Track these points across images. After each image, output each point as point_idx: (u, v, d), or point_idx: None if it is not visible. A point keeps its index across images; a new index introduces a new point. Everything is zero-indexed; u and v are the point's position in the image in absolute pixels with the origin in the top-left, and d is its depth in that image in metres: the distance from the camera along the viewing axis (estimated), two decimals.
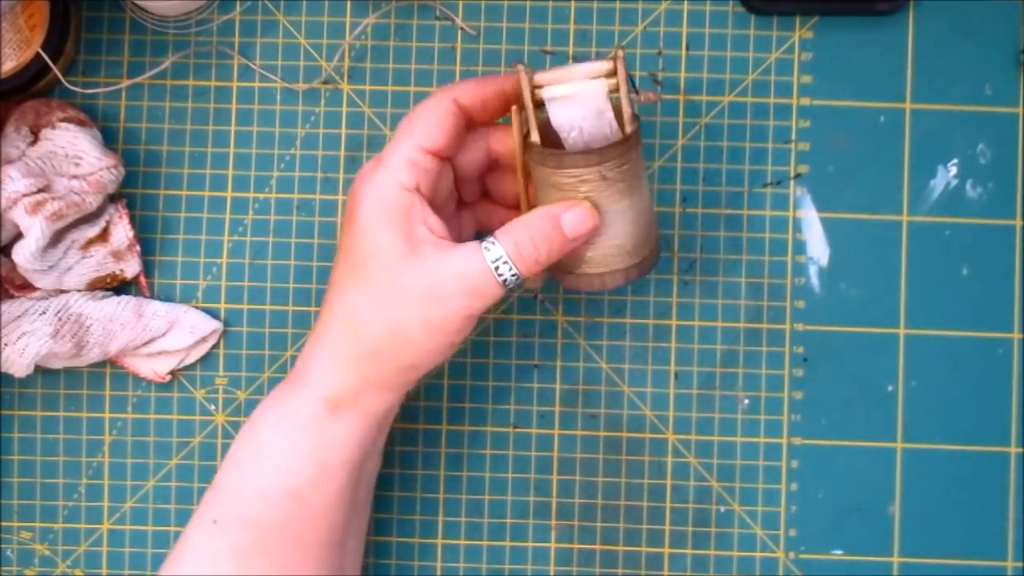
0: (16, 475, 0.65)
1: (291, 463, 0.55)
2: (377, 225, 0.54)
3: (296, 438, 0.55)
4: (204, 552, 0.56)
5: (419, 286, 0.54)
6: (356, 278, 0.55)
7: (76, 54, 0.65)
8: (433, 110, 0.56)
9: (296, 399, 0.56)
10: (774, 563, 0.64)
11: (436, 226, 0.55)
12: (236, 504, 0.56)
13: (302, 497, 0.55)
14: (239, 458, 0.56)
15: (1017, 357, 0.64)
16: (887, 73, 0.65)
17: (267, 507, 0.55)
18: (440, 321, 0.54)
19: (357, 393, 0.55)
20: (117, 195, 0.64)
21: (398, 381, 0.56)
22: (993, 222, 0.65)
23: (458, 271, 0.54)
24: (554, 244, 0.55)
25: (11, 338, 0.61)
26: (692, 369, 0.65)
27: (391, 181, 0.55)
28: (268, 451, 0.56)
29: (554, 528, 0.65)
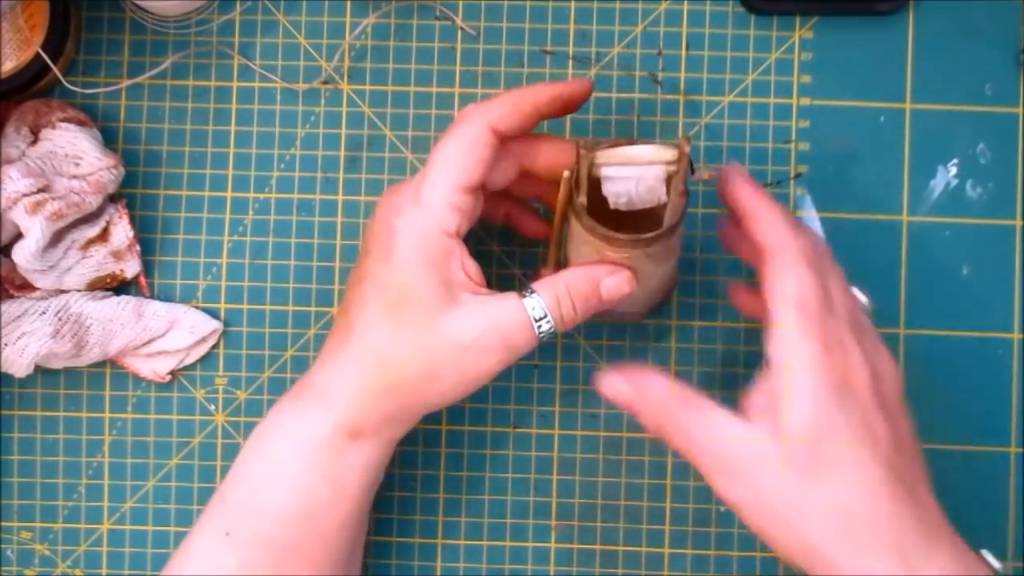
0: (16, 475, 0.65)
1: (308, 484, 0.55)
2: (416, 266, 0.54)
3: (313, 460, 0.55)
4: (212, 564, 0.55)
5: (459, 337, 0.54)
6: (391, 318, 0.54)
7: (76, 54, 0.65)
8: (471, 145, 0.54)
9: (314, 421, 0.55)
10: (774, 563, 0.64)
11: (473, 271, 0.55)
12: (248, 520, 0.55)
13: (317, 518, 0.55)
14: (251, 473, 0.56)
15: (1017, 357, 0.64)
16: (887, 73, 0.65)
17: (281, 526, 0.55)
18: (476, 372, 0.54)
19: (380, 424, 0.55)
20: (117, 195, 0.64)
21: (421, 415, 0.56)
22: (993, 222, 0.65)
23: (499, 324, 0.54)
24: (591, 304, 0.55)
25: (11, 338, 0.61)
26: (692, 369, 0.65)
27: (433, 225, 0.54)
28: (284, 470, 0.55)
29: (554, 528, 0.65)
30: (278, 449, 0.56)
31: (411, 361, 0.54)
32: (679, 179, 0.53)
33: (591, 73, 0.65)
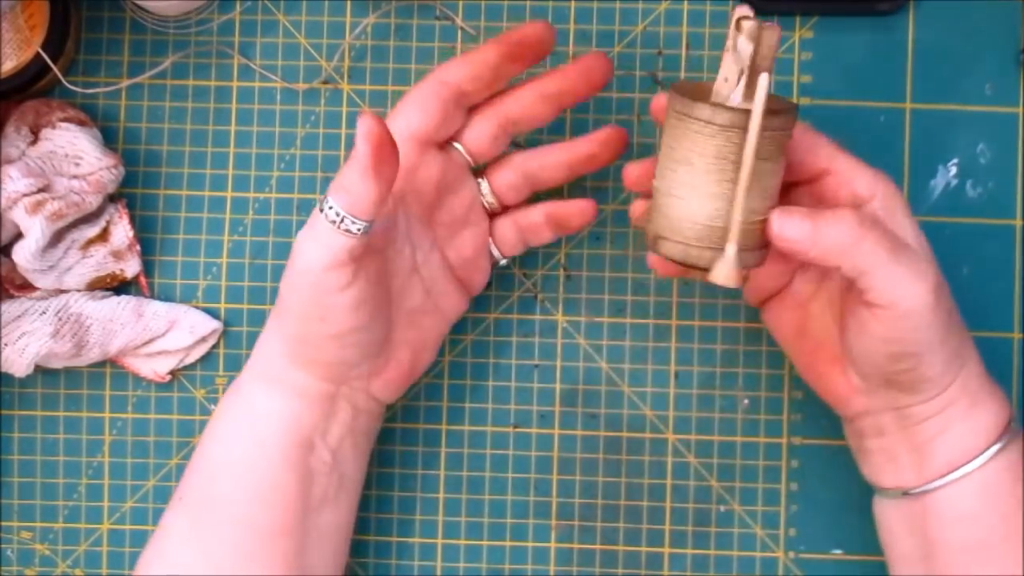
0: (16, 475, 0.65)
1: (229, 436, 0.57)
2: None
3: (234, 412, 0.58)
4: (171, 531, 0.58)
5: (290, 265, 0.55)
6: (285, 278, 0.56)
7: (76, 54, 0.65)
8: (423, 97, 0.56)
9: (241, 379, 0.58)
10: (774, 563, 0.64)
11: None
12: (191, 478, 0.58)
13: (239, 471, 0.57)
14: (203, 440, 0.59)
15: (1017, 357, 0.64)
16: (887, 73, 0.65)
17: (212, 481, 0.57)
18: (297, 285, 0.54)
19: (284, 368, 0.57)
20: (117, 195, 0.64)
21: (305, 357, 0.56)
22: (993, 222, 0.65)
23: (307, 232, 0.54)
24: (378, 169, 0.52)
25: (11, 338, 0.61)
26: (692, 369, 0.65)
27: None
28: (214, 426, 0.58)
29: (554, 528, 0.65)
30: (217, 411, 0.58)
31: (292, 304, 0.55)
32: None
33: None
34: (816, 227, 0.51)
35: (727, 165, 0.50)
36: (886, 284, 0.51)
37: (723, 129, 0.50)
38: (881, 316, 0.52)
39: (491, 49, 0.57)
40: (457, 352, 0.65)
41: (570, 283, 0.65)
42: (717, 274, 0.51)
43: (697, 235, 0.51)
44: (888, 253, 0.51)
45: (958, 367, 0.55)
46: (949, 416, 0.55)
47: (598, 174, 0.64)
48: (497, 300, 0.65)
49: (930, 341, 0.53)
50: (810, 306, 0.58)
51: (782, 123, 0.51)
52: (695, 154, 0.51)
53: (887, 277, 0.51)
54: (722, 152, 0.50)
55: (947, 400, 0.55)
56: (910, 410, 0.55)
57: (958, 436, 0.55)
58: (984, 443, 0.55)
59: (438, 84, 0.57)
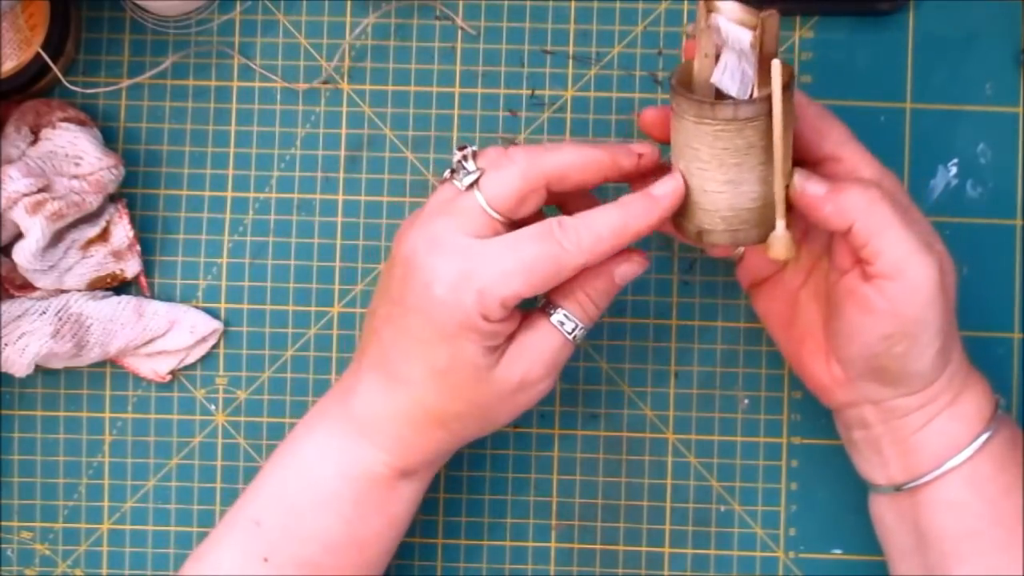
0: (16, 475, 0.65)
1: (358, 516, 0.56)
2: (464, 340, 0.53)
3: (366, 494, 0.56)
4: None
5: (510, 383, 0.54)
6: (442, 380, 0.54)
7: (76, 54, 0.65)
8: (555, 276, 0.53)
9: (365, 459, 0.55)
10: (774, 562, 0.64)
11: (514, 324, 0.55)
12: (291, 546, 0.55)
13: (367, 546, 0.56)
14: (294, 501, 0.56)
15: (1017, 357, 0.64)
16: (887, 73, 0.65)
17: (328, 554, 0.55)
18: (528, 402, 0.56)
19: (433, 462, 0.57)
20: (117, 195, 0.64)
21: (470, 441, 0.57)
22: (993, 222, 0.65)
23: (542, 355, 0.55)
24: (610, 297, 0.56)
25: (11, 338, 0.61)
26: (692, 369, 0.65)
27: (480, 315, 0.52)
28: (334, 502, 0.55)
29: (554, 528, 0.65)
30: (326, 479, 0.56)
31: (467, 414, 0.55)
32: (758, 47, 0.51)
33: (591, 73, 0.65)
34: (835, 186, 0.53)
35: (756, 151, 0.52)
36: (897, 249, 0.52)
37: (748, 122, 0.51)
38: (886, 288, 0.52)
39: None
40: None
41: None
42: (777, 250, 0.53)
43: (741, 220, 0.53)
44: (901, 219, 0.52)
45: (944, 363, 0.55)
46: (932, 411, 0.55)
47: None
48: None
49: (928, 323, 0.53)
50: (799, 295, 0.58)
51: (790, 95, 0.52)
52: (724, 151, 0.52)
53: (898, 241, 0.52)
54: (750, 142, 0.52)
55: (931, 395, 0.55)
56: (892, 403, 0.55)
57: (941, 431, 0.55)
58: (969, 435, 0.55)
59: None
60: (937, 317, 0.53)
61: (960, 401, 0.55)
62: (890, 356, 0.54)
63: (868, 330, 0.53)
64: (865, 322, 0.53)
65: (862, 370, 0.55)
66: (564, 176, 0.54)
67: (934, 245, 0.53)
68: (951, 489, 0.55)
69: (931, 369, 0.54)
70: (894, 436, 0.56)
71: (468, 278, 0.52)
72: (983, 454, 0.55)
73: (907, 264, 0.52)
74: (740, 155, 0.52)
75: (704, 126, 0.52)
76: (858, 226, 0.52)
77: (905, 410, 0.55)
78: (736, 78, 0.52)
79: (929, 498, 0.55)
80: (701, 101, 0.52)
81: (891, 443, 0.56)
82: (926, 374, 0.54)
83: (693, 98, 0.52)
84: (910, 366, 0.54)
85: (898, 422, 0.56)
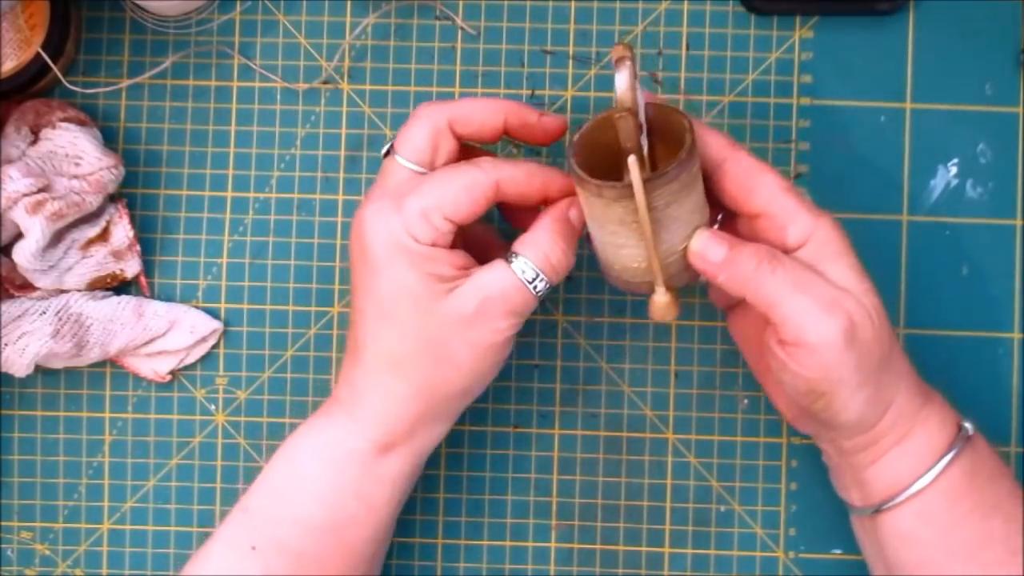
0: (16, 475, 0.65)
1: (336, 498, 0.55)
2: (400, 268, 0.54)
3: (343, 474, 0.56)
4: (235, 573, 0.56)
5: (460, 313, 0.54)
6: (389, 320, 0.54)
7: (76, 54, 0.65)
8: (472, 188, 0.54)
9: (345, 436, 0.56)
10: (774, 562, 0.64)
11: (463, 260, 0.55)
12: (274, 531, 0.56)
13: (344, 531, 0.56)
14: (278, 486, 0.56)
15: (1017, 357, 0.64)
16: (887, 73, 0.65)
17: (308, 539, 0.55)
18: (487, 342, 0.55)
19: (411, 431, 0.56)
20: (117, 195, 0.64)
21: (450, 410, 0.57)
22: (993, 222, 0.65)
23: (494, 292, 0.54)
24: (571, 240, 0.56)
25: (11, 338, 0.61)
26: (692, 369, 0.65)
27: (404, 230, 0.54)
28: (312, 484, 0.56)
29: (554, 528, 0.65)
30: (307, 462, 0.56)
31: (422, 352, 0.54)
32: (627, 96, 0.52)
33: (591, 73, 0.65)
34: (731, 254, 0.53)
35: (632, 226, 0.52)
36: (792, 318, 0.52)
37: (615, 201, 0.51)
38: (791, 352, 0.53)
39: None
40: None
41: (570, 283, 0.65)
42: (654, 313, 0.54)
43: (630, 274, 0.54)
44: (794, 287, 0.52)
45: (882, 408, 0.55)
46: (878, 449, 0.55)
47: None
48: None
49: (842, 382, 0.53)
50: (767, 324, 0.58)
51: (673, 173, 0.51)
52: (603, 219, 0.52)
53: (793, 311, 0.52)
54: (623, 219, 0.52)
55: (874, 436, 0.55)
56: (839, 443, 0.56)
57: (890, 467, 0.55)
58: (918, 471, 0.55)
59: None
60: (850, 375, 0.53)
61: (909, 438, 0.55)
62: (814, 409, 0.54)
63: (788, 384, 0.54)
64: (783, 377, 0.54)
65: (800, 414, 0.56)
66: (466, 117, 0.56)
67: (840, 302, 0.52)
68: (903, 521, 0.55)
69: (861, 418, 0.54)
70: (849, 468, 0.57)
71: (393, 206, 0.54)
72: (934, 488, 0.55)
73: (804, 332, 0.52)
74: (615, 225, 0.52)
75: (580, 191, 0.53)
76: (751, 297, 0.52)
77: (853, 449, 0.56)
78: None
79: (886, 528, 0.56)
80: (574, 173, 0.52)
81: (848, 474, 0.57)
82: (858, 423, 0.54)
83: (571, 168, 0.52)
84: (837, 418, 0.54)
85: (850, 457, 0.56)
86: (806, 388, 0.53)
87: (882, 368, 0.54)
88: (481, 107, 0.57)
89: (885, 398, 0.55)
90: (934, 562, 0.55)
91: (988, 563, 0.55)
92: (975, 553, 0.55)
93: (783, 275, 0.52)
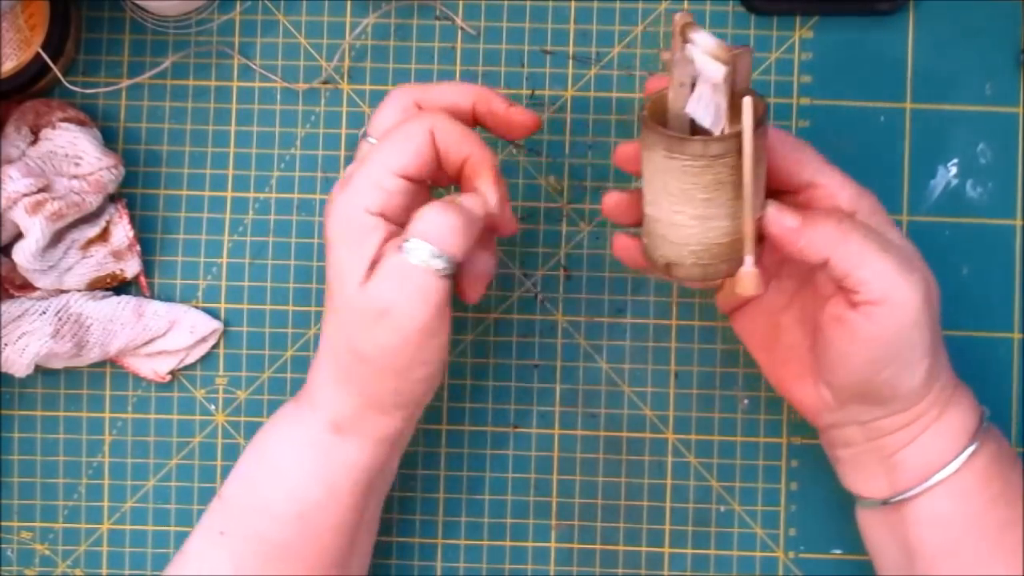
0: (16, 475, 0.65)
1: (299, 484, 0.55)
2: (342, 248, 0.53)
3: (305, 459, 0.55)
4: (207, 562, 0.56)
5: (378, 300, 0.52)
6: (330, 303, 0.54)
7: (76, 54, 0.65)
8: (408, 138, 0.54)
9: (305, 420, 0.56)
10: (774, 562, 0.64)
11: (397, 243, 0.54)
12: (243, 518, 0.56)
13: (308, 518, 0.55)
14: (248, 472, 0.57)
15: (1017, 357, 0.64)
16: (887, 73, 0.65)
17: (274, 524, 0.55)
18: (398, 341, 0.53)
19: (357, 417, 0.55)
20: (117, 195, 0.64)
21: (392, 403, 0.55)
22: (993, 222, 0.65)
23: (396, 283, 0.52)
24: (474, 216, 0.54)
25: (11, 338, 0.61)
26: (692, 369, 0.65)
27: (355, 203, 0.53)
28: (277, 470, 0.56)
29: (554, 528, 0.65)
30: (274, 449, 0.56)
31: (336, 333, 0.54)
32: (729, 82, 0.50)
33: (591, 73, 0.65)
34: (806, 220, 0.52)
35: (726, 187, 0.51)
36: (878, 276, 0.52)
37: (718, 158, 0.50)
38: (873, 314, 0.52)
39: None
40: (457, 352, 0.65)
41: (570, 283, 0.65)
42: (744, 286, 0.52)
43: (711, 255, 0.52)
44: (877, 246, 0.52)
45: (932, 381, 0.55)
46: (918, 428, 0.55)
47: (597, 174, 0.64)
48: (497, 300, 0.65)
49: (916, 345, 0.53)
50: (781, 318, 0.58)
51: (763, 131, 0.51)
52: (693, 186, 0.51)
53: (879, 269, 0.52)
54: (720, 178, 0.51)
55: (916, 413, 0.55)
56: (878, 423, 0.56)
57: (926, 446, 0.55)
58: (953, 451, 0.55)
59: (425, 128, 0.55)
60: (925, 337, 0.53)
61: (945, 416, 0.55)
62: (879, 380, 0.54)
63: (856, 356, 0.53)
64: (853, 348, 0.53)
65: (851, 394, 0.55)
66: (434, 99, 0.56)
67: (915, 264, 0.53)
68: (936, 503, 0.55)
69: (920, 388, 0.54)
70: (880, 453, 0.56)
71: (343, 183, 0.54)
72: (968, 468, 0.55)
73: (892, 289, 0.52)
74: (710, 191, 0.51)
75: (673, 161, 0.51)
76: (835, 259, 0.52)
77: (891, 428, 0.55)
78: (710, 110, 0.51)
79: (914, 512, 0.56)
80: (670, 136, 0.51)
81: (877, 460, 0.57)
82: (915, 394, 0.54)
83: (663, 132, 0.51)
84: (899, 388, 0.54)
85: (884, 440, 0.56)
86: (879, 354, 0.53)
87: (938, 337, 0.54)
88: (450, 90, 0.57)
89: (937, 371, 0.55)
90: (966, 544, 0.55)
91: (1012, 546, 0.55)
92: (1005, 535, 0.55)
93: (865, 234, 0.52)
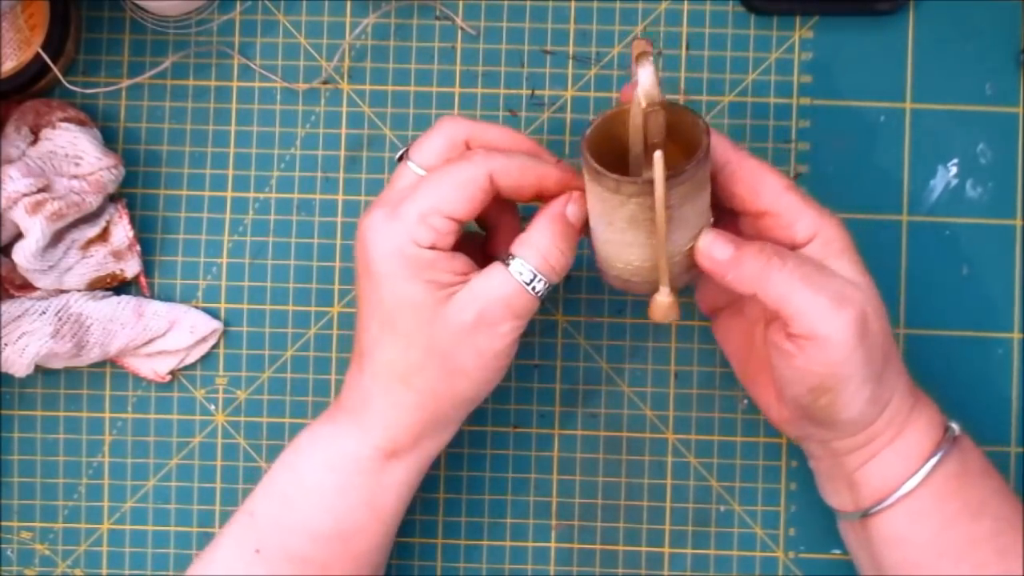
0: (16, 475, 0.65)
1: (343, 506, 0.55)
2: (401, 278, 0.54)
3: (350, 483, 0.55)
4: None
5: (463, 321, 0.53)
6: (395, 331, 0.54)
7: (76, 54, 0.65)
8: (465, 184, 0.54)
9: (351, 444, 0.56)
10: (774, 562, 0.64)
11: (463, 266, 0.55)
12: (281, 537, 0.56)
13: (351, 539, 0.56)
14: (284, 492, 0.56)
15: (1017, 357, 0.64)
16: (887, 73, 0.65)
17: (315, 545, 0.55)
18: (493, 348, 0.54)
19: (417, 439, 0.56)
20: (117, 195, 0.64)
21: (456, 417, 0.56)
22: (993, 222, 0.65)
23: (495, 296, 0.54)
24: (570, 239, 0.55)
25: (11, 338, 0.61)
26: (692, 369, 0.65)
27: (406, 237, 0.54)
28: (319, 491, 0.55)
29: (554, 528, 0.65)
30: (314, 469, 0.56)
31: (428, 362, 0.54)
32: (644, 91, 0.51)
33: (591, 73, 0.65)
34: (738, 251, 0.53)
35: (642, 223, 0.52)
36: (802, 313, 0.52)
37: (631, 197, 0.51)
38: (804, 347, 0.52)
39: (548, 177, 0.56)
40: None
41: (570, 283, 0.65)
42: (654, 313, 0.54)
43: (631, 273, 0.54)
44: (807, 283, 0.52)
45: (880, 406, 0.55)
46: (872, 449, 0.55)
47: None
48: None
49: (849, 377, 0.53)
50: (755, 329, 0.59)
51: (691, 172, 0.51)
52: (613, 216, 0.52)
53: (804, 306, 0.52)
54: (635, 215, 0.51)
55: (870, 435, 0.55)
56: (832, 443, 0.56)
57: (884, 465, 0.55)
58: (908, 471, 0.55)
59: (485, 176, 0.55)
60: (858, 370, 0.53)
61: (901, 437, 0.55)
62: (817, 407, 0.54)
63: (793, 383, 0.54)
64: (789, 374, 0.54)
65: (799, 415, 0.56)
66: (488, 139, 0.56)
67: (850, 296, 0.53)
68: (893, 523, 0.56)
69: (862, 416, 0.54)
70: (840, 470, 0.57)
71: (392, 214, 0.54)
72: (924, 488, 0.55)
73: (819, 325, 0.52)
74: (626, 222, 0.52)
75: (595, 187, 0.52)
76: (761, 293, 0.52)
77: (846, 449, 0.56)
78: None
79: (877, 530, 0.56)
80: (590, 166, 0.51)
81: (840, 476, 0.57)
82: (858, 421, 0.55)
83: (587, 160, 0.52)
84: (838, 415, 0.54)
85: (843, 458, 0.56)
86: (813, 384, 0.53)
87: (885, 365, 0.54)
88: (502, 136, 0.56)
89: (884, 396, 0.55)
90: (925, 563, 0.55)
91: (977, 564, 0.55)
92: (965, 554, 0.55)
93: (792, 269, 0.52)
